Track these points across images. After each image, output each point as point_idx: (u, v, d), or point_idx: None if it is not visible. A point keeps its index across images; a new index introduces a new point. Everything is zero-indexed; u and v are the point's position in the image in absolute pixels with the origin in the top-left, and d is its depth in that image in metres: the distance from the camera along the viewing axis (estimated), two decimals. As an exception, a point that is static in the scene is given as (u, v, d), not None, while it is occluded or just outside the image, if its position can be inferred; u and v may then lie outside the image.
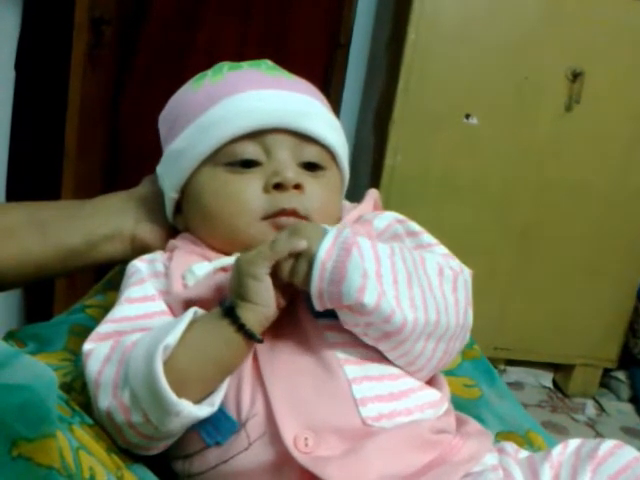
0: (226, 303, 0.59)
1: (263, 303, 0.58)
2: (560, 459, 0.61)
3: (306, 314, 0.62)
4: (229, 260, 0.67)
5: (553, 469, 0.60)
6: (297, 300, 0.63)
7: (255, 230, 0.67)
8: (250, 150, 0.69)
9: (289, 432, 0.57)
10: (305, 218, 0.68)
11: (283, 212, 0.67)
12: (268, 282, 0.58)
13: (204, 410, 0.57)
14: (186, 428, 0.58)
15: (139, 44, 1.96)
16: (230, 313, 0.58)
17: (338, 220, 0.73)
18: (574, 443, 0.62)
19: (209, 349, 0.58)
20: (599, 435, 1.96)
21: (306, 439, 0.57)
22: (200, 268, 0.66)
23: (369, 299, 0.56)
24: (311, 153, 0.71)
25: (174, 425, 0.56)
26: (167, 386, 0.54)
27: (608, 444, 0.60)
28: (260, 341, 0.59)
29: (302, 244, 0.58)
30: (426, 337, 0.61)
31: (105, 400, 0.58)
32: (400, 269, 0.59)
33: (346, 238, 0.58)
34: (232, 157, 0.69)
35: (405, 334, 0.59)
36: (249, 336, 0.58)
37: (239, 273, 0.58)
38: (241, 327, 0.57)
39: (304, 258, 0.58)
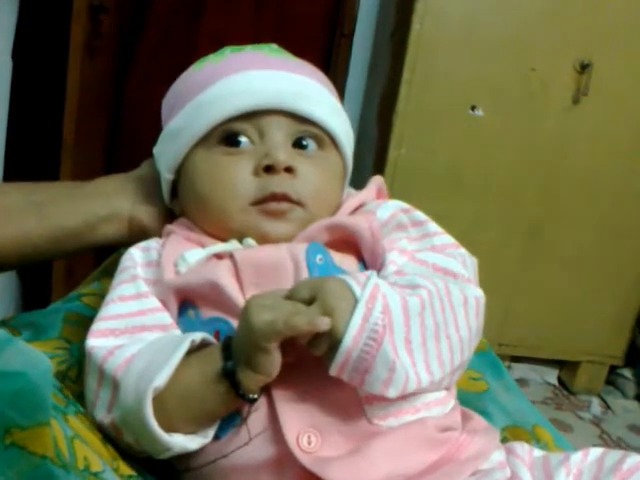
0: (228, 365, 0.56)
1: (267, 374, 0.55)
2: (580, 467, 0.60)
3: None
4: (223, 247, 0.66)
5: (571, 476, 0.59)
6: None
7: (245, 216, 0.66)
8: (243, 129, 0.68)
9: (292, 430, 0.56)
10: (297, 203, 0.66)
11: (273, 197, 0.65)
12: (277, 354, 0.54)
13: (196, 442, 0.57)
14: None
15: (141, 33, 1.95)
16: (230, 376, 0.55)
17: (337, 207, 0.71)
18: (595, 452, 0.61)
19: (201, 404, 0.57)
20: (604, 433, 1.96)
21: (309, 437, 0.56)
22: (193, 255, 0.64)
23: (392, 392, 0.55)
24: (308, 135, 0.69)
25: (166, 455, 0.56)
26: (159, 429, 0.54)
27: (634, 459, 0.59)
28: (255, 400, 0.56)
29: (324, 324, 0.53)
30: (447, 376, 0.61)
31: (99, 414, 0.58)
32: (429, 325, 0.57)
33: (376, 321, 0.54)
34: (225, 136, 0.68)
35: (427, 389, 0.59)
36: (245, 400, 0.56)
37: (249, 340, 0.54)
38: (238, 393, 0.55)
39: (327, 337, 0.54)
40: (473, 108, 1.91)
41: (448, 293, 0.60)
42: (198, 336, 0.58)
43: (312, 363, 0.58)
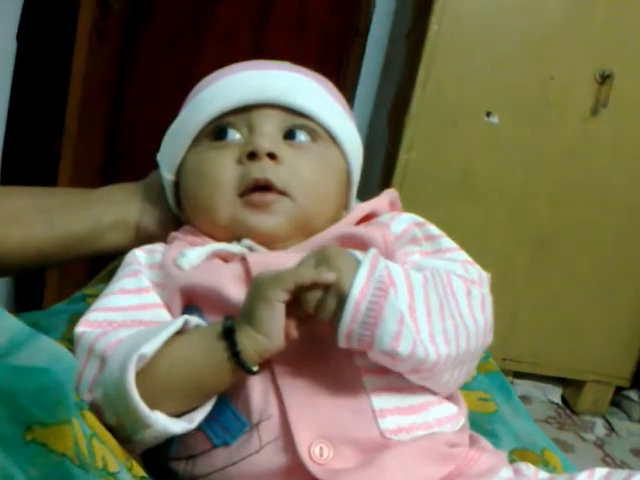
0: (228, 323, 0.57)
1: (268, 334, 0.55)
2: None
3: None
4: (224, 246, 0.67)
5: None
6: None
7: (231, 209, 0.67)
8: (232, 122, 0.70)
9: (304, 440, 0.57)
10: (283, 193, 0.67)
11: (256, 183, 0.66)
12: (280, 310, 0.55)
13: (180, 426, 0.56)
14: (161, 441, 0.57)
15: (148, 20, 1.96)
16: (228, 335, 0.56)
17: (339, 208, 0.73)
18: (600, 472, 0.63)
19: (193, 370, 0.57)
20: (607, 456, 1.97)
21: (321, 448, 0.57)
22: (192, 251, 0.66)
23: (403, 348, 0.56)
24: (299, 127, 0.70)
25: (147, 436, 0.56)
26: (138, 397, 0.53)
27: (639, 478, 0.60)
28: (253, 373, 0.57)
29: (330, 276, 0.55)
30: (455, 366, 0.62)
31: (82, 394, 0.58)
32: (433, 300, 0.59)
33: (381, 274, 0.56)
34: (214, 131, 0.70)
35: (436, 369, 0.60)
36: (241, 366, 0.56)
37: (254, 295, 0.56)
38: (235, 354, 0.56)
39: (334, 293, 0.56)
40: (488, 114, 1.92)
41: (449, 280, 0.62)
42: (194, 319, 0.60)
43: (325, 371, 0.59)
